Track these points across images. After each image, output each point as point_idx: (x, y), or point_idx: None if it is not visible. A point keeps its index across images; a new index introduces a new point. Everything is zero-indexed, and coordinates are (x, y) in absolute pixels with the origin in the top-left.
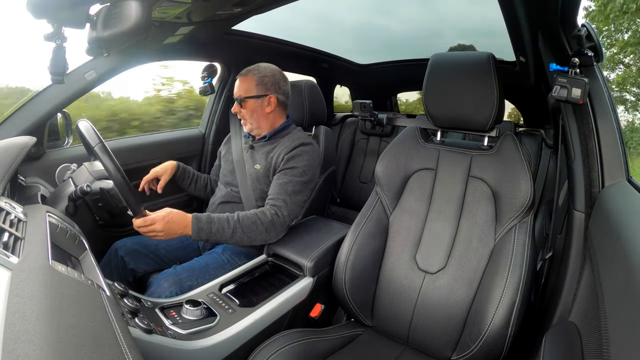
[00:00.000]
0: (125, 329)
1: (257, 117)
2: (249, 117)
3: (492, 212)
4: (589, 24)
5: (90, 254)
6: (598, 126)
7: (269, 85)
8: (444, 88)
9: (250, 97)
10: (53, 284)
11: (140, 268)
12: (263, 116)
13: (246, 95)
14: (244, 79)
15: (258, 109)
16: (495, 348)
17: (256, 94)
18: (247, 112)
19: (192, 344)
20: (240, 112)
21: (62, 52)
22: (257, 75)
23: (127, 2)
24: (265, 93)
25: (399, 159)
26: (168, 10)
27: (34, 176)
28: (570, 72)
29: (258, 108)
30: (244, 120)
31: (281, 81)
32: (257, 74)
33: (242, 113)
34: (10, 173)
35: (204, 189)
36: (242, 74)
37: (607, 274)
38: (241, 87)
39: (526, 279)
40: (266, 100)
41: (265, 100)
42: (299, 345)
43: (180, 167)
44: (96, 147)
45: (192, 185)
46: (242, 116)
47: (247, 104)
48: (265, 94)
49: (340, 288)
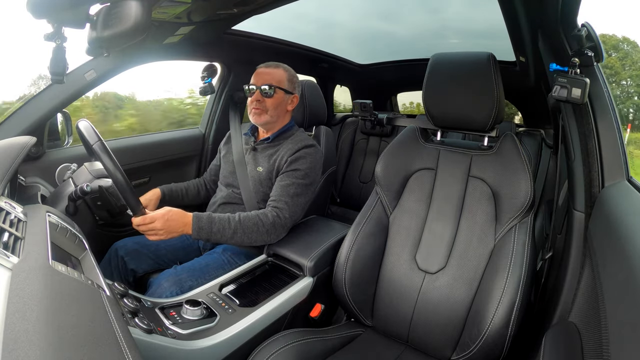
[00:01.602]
0: (125, 329)
1: (279, 111)
2: (272, 109)
3: (492, 212)
4: (589, 24)
5: (90, 254)
6: (598, 126)
7: (295, 85)
8: (444, 88)
9: (282, 89)
10: (53, 284)
11: (140, 268)
12: (284, 112)
13: (279, 86)
14: (274, 71)
15: (283, 104)
16: (495, 348)
17: (287, 89)
18: (273, 102)
19: (192, 344)
20: (263, 101)
21: (62, 52)
22: (288, 72)
23: (127, 2)
24: (292, 91)
25: (399, 159)
26: (168, 10)
27: (34, 176)
28: (571, 72)
29: (283, 103)
30: (262, 111)
31: (298, 84)
32: (288, 71)
33: (265, 103)
34: (10, 173)
35: (196, 196)
36: (270, 65)
37: (607, 274)
38: (271, 77)
39: (526, 279)
40: (290, 98)
41: (290, 98)
42: (299, 345)
43: (165, 193)
44: (95, 145)
45: (184, 200)
46: (262, 106)
47: (277, 95)
48: (292, 92)
49: (340, 288)
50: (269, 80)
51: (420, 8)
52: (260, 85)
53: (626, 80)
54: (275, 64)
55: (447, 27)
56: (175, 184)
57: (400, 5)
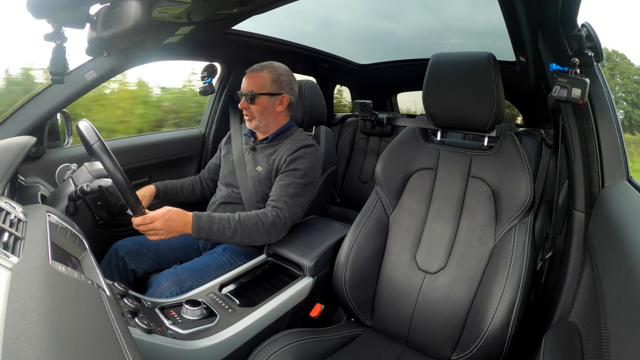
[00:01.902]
0: (125, 329)
1: (267, 115)
2: (258, 115)
3: (492, 212)
4: (589, 24)
5: (90, 254)
6: (598, 126)
7: (283, 84)
8: (444, 88)
9: (264, 94)
10: (53, 284)
11: (140, 268)
12: (273, 115)
13: (260, 92)
14: (257, 75)
15: (270, 107)
16: (495, 348)
17: (270, 92)
18: (257, 108)
19: (192, 344)
20: (249, 108)
21: (62, 52)
22: (272, 73)
23: (127, 2)
24: (279, 92)
25: (399, 159)
26: (168, 10)
27: (34, 176)
28: (570, 72)
29: (270, 106)
30: (250, 117)
31: (293, 82)
32: (273, 72)
33: (250, 109)
34: (10, 173)
35: (191, 194)
36: (255, 69)
37: (607, 274)
38: (254, 82)
39: (526, 279)
40: (279, 100)
41: (278, 99)
42: (299, 345)
43: (160, 190)
44: (95, 144)
45: (179, 197)
46: (249, 113)
47: (260, 101)
48: (279, 92)
49: (340, 288)
50: (251, 87)
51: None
52: (245, 92)
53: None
54: (260, 66)
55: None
56: (170, 181)
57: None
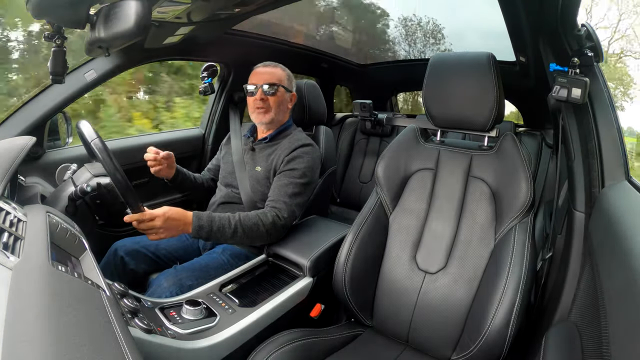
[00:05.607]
0: (125, 329)
1: (283, 109)
2: (275, 107)
3: (492, 212)
4: (589, 24)
5: (90, 254)
6: (598, 126)
7: (293, 83)
8: (444, 88)
9: (284, 87)
10: (53, 284)
11: (140, 268)
12: (286, 110)
13: (281, 84)
14: (274, 70)
15: (285, 102)
16: (495, 348)
17: (287, 87)
18: (276, 100)
19: (192, 343)
20: (267, 100)
21: (62, 53)
22: (285, 71)
23: (127, 2)
24: (292, 89)
25: (399, 159)
26: (168, 10)
27: (34, 176)
28: (571, 72)
29: (285, 101)
30: (266, 110)
31: (295, 83)
32: (285, 70)
33: (268, 101)
34: (10, 173)
35: (200, 187)
36: (268, 64)
37: (607, 274)
38: (270, 76)
39: (526, 279)
40: (290, 96)
41: (290, 96)
42: (299, 345)
43: (179, 171)
44: (92, 142)
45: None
46: (266, 105)
47: (279, 93)
48: (292, 90)
49: (340, 288)
50: (270, 78)
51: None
52: (262, 84)
53: None
54: (272, 63)
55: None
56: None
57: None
